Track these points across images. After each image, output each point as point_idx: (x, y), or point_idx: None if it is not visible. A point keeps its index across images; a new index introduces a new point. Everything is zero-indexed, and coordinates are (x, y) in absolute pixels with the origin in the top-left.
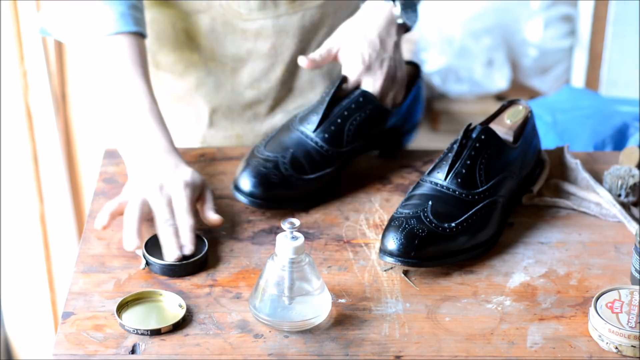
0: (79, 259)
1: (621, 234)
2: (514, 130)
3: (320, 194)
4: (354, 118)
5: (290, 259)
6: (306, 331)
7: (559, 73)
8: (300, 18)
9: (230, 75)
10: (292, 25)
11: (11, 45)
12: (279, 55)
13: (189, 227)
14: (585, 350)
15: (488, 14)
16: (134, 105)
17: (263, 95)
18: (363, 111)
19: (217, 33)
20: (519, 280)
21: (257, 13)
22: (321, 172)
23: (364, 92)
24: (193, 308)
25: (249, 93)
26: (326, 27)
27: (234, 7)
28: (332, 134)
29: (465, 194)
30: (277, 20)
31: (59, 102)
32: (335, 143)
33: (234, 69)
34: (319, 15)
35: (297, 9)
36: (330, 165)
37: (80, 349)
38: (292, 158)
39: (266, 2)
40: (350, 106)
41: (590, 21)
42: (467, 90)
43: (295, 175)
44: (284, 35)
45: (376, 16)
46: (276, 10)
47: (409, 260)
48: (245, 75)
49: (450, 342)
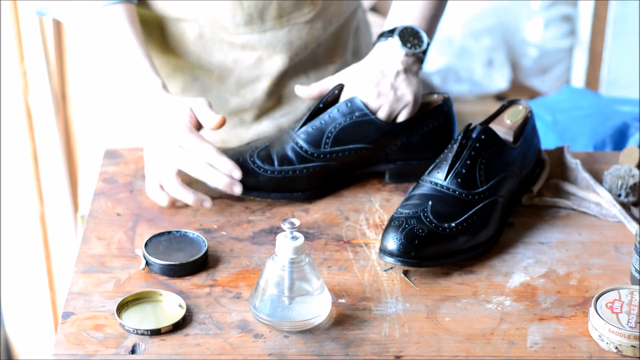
0: (79, 259)
1: (621, 234)
2: (514, 130)
3: (282, 188)
4: (337, 122)
5: (290, 259)
6: (306, 331)
7: (559, 73)
8: (287, 33)
9: (216, 82)
10: (279, 41)
11: (11, 45)
12: (265, 68)
13: (219, 158)
14: (585, 350)
15: (488, 14)
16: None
17: (248, 104)
18: (349, 117)
19: (204, 40)
20: (519, 280)
21: (244, 28)
22: (290, 167)
23: (351, 98)
24: (193, 308)
25: (235, 100)
26: (315, 43)
27: (220, 21)
28: (311, 134)
29: (465, 194)
30: (263, 35)
31: (59, 102)
32: (313, 143)
33: (220, 77)
34: (307, 30)
35: (284, 24)
36: (303, 163)
37: (80, 349)
38: (262, 149)
39: (252, 17)
40: (334, 110)
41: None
42: (467, 90)
43: (260, 164)
44: (271, 49)
45: (380, 55)
46: (262, 25)
47: (409, 260)
48: (231, 83)
49: (450, 342)
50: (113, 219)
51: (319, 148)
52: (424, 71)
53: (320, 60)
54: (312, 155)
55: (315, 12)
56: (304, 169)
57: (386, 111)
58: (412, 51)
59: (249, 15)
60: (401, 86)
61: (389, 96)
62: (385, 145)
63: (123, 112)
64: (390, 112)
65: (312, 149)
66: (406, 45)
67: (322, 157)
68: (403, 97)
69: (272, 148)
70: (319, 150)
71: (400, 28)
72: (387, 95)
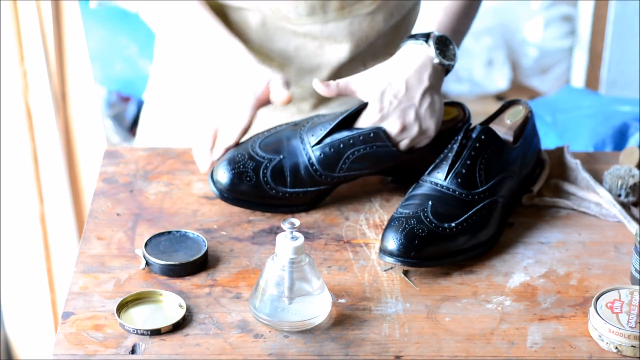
0: (79, 259)
1: (621, 234)
2: (514, 130)
3: (291, 208)
4: (356, 149)
5: (290, 259)
6: (306, 331)
7: (559, 73)
8: (348, 24)
9: (277, 70)
10: (340, 31)
11: (11, 45)
12: (326, 57)
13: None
14: (585, 350)
15: (488, 14)
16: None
17: (307, 93)
18: (369, 146)
19: (266, 28)
20: (519, 280)
21: (306, 18)
22: (301, 189)
23: (376, 130)
24: (193, 308)
25: (294, 90)
26: (376, 35)
27: (282, 11)
28: (328, 156)
29: (465, 194)
30: (325, 25)
31: (59, 102)
32: (328, 167)
33: (281, 65)
34: (368, 22)
35: (345, 16)
36: (315, 186)
37: (80, 349)
38: (275, 166)
39: (315, 8)
40: (357, 136)
41: (590, 21)
42: (467, 90)
43: (272, 184)
44: (333, 39)
45: (409, 60)
46: (325, 16)
47: (409, 260)
48: (291, 72)
49: (450, 342)
50: (113, 219)
51: (334, 172)
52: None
53: (380, 51)
54: (324, 179)
55: (377, 4)
56: (315, 192)
57: (407, 144)
58: (444, 62)
59: (311, 7)
60: (426, 117)
61: (413, 130)
62: (395, 168)
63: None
64: (412, 145)
65: (326, 172)
66: (439, 54)
67: (334, 181)
68: (427, 131)
69: (285, 163)
70: (333, 174)
71: (436, 35)
72: (412, 129)
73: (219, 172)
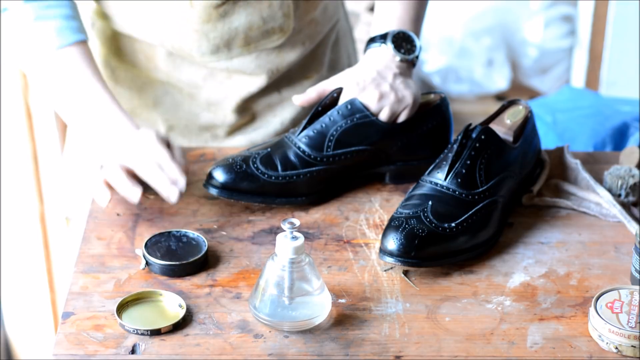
0: (79, 259)
1: (621, 234)
2: (514, 130)
3: (286, 194)
4: (338, 125)
5: (290, 259)
6: (306, 331)
7: (559, 73)
8: (255, 58)
9: (187, 98)
10: (247, 66)
11: None
12: (235, 87)
13: (171, 164)
14: (585, 350)
15: (488, 14)
16: (93, 98)
17: (219, 120)
18: (350, 119)
19: (173, 58)
20: (519, 280)
21: (210, 56)
22: (294, 172)
23: (351, 100)
24: (193, 308)
25: (206, 116)
26: (287, 67)
27: (185, 50)
28: (313, 137)
29: (465, 194)
30: (230, 61)
31: None
32: (315, 147)
33: (190, 93)
34: (276, 54)
35: (252, 51)
36: (307, 167)
37: (80, 349)
38: (264, 156)
39: (219, 47)
40: (335, 112)
41: (590, 21)
42: (467, 90)
43: (263, 169)
44: (241, 72)
45: (373, 62)
46: (229, 53)
47: (409, 260)
48: (202, 99)
49: (450, 342)
50: (113, 219)
51: (322, 151)
52: (424, 71)
53: (294, 76)
54: (315, 159)
55: (285, 38)
56: (307, 173)
57: (388, 113)
58: (406, 57)
59: (215, 46)
60: (400, 88)
61: (390, 98)
62: (386, 147)
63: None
64: (392, 114)
65: (314, 152)
66: (400, 51)
67: (325, 160)
68: (404, 98)
69: (273, 153)
70: (322, 153)
71: (392, 33)
72: (389, 97)
73: (213, 172)
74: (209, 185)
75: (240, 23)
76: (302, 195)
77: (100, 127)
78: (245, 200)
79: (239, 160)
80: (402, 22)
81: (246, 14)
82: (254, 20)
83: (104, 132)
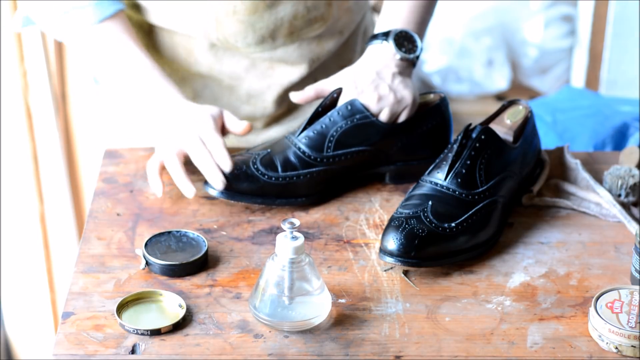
0: (79, 259)
1: (621, 234)
2: (514, 130)
3: (286, 194)
4: (338, 125)
5: (290, 259)
6: (306, 331)
7: (559, 73)
8: (297, 47)
9: (226, 91)
10: (289, 55)
11: (11, 45)
12: (276, 78)
13: (221, 151)
14: (585, 350)
15: (488, 14)
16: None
17: (259, 112)
18: (350, 120)
19: (216, 50)
20: (519, 280)
21: (255, 47)
22: (294, 172)
23: (352, 101)
24: (193, 308)
25: (245, 108)
26: (327, 54)
27: (230, 41)
28: (313, 138)
29: (465, 194)
30: (274, 51)
31: (59, 102)
32: (315, 148)
33: (230, 86)
34: (317, 43)
35: (294, 40)
36: (307, 168)
37: (80, 349)
38: (264, 157)
39: (264, 37)
40: (335, 113)
41: (590, 21)
42: (467, 90)
43: (263, 170)
44: (283, 62)
45: (374, 59)
46: (274, 43)
47: (409, 260)
48: (242, 91)
49: (450, 342)
50: (113, 219)
51: (322, 152)
52: (424, 71)
53: (330, 66)
54: (315, 159)
55: (326, 27)
56: (307, 174)
57: (387, 113)
58: (406, 56)
59: (260, 36)
60: (399, 88)
61: (389, 98)
62: (386, 147)
63: (123, 113)
64: (392, 114)
65: (314, 153)
66: (401, 49)
67: (325, 161)
68: (403, 99)
69: (274, 154)
70: (322, 154)
71: (395, 31)
72: (388, 97)
73: None
74: (210, 186)
75: (285, 13)
76: (302, 196)
77: (152, 102)
78: (246, 201)
79: (239, 161)
80: (406, 23)
81: (292, 4)
82: (299, 9)
83: (157, 109)
